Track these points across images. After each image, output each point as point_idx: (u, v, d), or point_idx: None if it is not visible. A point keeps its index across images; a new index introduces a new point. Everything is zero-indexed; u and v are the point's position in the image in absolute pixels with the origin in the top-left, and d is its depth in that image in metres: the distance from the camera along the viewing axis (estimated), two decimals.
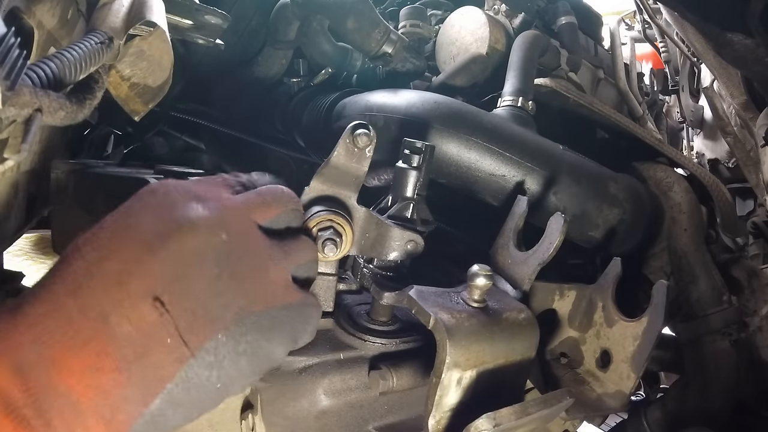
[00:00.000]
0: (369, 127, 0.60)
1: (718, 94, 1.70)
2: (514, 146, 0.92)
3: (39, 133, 0.87)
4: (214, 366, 0.42)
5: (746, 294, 1.13)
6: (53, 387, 0.36)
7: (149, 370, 0.39)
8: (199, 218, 0.43)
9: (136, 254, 0.41)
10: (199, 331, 0.41)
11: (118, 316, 0.39)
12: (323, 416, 0.63)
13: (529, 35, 1.31)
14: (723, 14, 1.04)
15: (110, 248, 0.41)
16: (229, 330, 0.43)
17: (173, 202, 0.44)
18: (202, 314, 0.41)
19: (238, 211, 0.47)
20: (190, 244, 0.42)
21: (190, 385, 0.41)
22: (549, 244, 0.68)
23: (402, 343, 0.69)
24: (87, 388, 0.37)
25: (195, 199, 0.45)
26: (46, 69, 0.46)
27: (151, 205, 0.44)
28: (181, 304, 0.41)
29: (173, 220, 0.43)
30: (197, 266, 0.42)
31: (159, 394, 0.40)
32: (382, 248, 0.65)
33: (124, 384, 0.38)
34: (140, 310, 0.39)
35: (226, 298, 0.43)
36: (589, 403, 0.70)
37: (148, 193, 0.45)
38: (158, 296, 0.40)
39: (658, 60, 2.66)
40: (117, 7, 0.64)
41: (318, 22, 1.37)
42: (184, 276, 0.41)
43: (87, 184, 1.05)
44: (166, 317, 0.40)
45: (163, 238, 0.42)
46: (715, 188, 1.15)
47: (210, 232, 0.43)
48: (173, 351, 0.40)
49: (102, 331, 0.38)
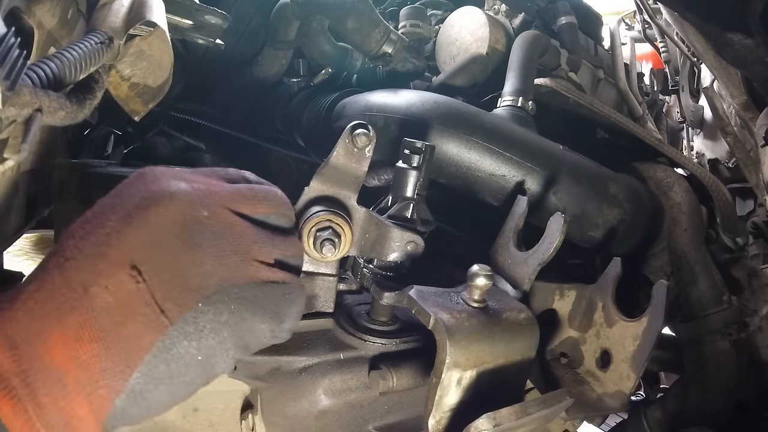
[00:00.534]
0: (368, 127, 0.60)
1: (718, 94, 1.70)
2: (514, 146, 0.92)
3: (39, 133, 0.87)
4: (193, 336, 0.42)
5: (746, 294, 1.13)
6: (39, 358, 0.37)
7: (127, 340, 0.39)
8: (179, 191, 0.43)
9: (115, 226, 0.41)
10: (178, 300, 0.41)
11: (97, 286, 0.39)
12: (323, 416, 0.63)
13: (529, 35, 1.31)
14: (723, 14, 1.04)
15: (94, 224, 0.41)
16: (210, 299, 0.42)
17: (157, 179, 0.44)
18: (180, 283, 0.41)
19: (223, 196, 0.46)
20: (168, 213, 0.42)
21: (170, 357, 0.41)
22: (549, 244, 0.68)
23: (402, 343, 0.69)
24: (68, 359, 0.38)
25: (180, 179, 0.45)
26: (46, 69, 0.46)
27: (135, 184, 0.44)
28: (159, 273, 0.41)
29: (153, 191, 0.43)
30: (176, 236, 0.42)
31: (137, 366, 0.40)
32: (382, 249, 0.65)
33: (102, 355, 0.38)
34: (118, 279, 0.39)
35: (206, 267, 0.43)
36: (589, 403, 0.70)
37: (137, 174, 0.46)
38: (136, 265, 0.40)
39: (658, 60, 2.66)
40: (117, 7, 0.64)
41: (318, 22, 1.37)
42: (161, 245, 0.41)
43: (89, 184, 1.05)
44: (143, 286, 0.40)
45: (142, 208, 0.42)
46: (715, 188, 1.15)
47: (190, 205, 0.43)
48: (151, 320, 0.40)
49: (82, 301, 0.39)
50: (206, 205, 0.44)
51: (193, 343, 0.42)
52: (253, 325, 0.45)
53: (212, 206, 0.45)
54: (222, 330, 0.43)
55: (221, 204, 0.46)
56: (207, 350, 0.43)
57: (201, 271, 0.42)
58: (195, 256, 0.42)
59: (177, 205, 0.43)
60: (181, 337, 0.41)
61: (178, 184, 0.44)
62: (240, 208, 0.47)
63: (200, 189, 0.45)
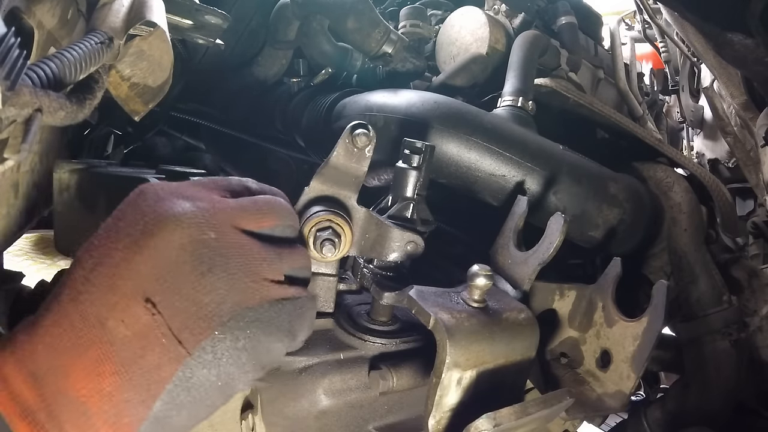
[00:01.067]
0: (368, 127, 0.60)
1: (718, 94, 1.70)
2: (514, 146, 0.92)
3: (39, 133, 0.87)
4: (213, 364, 0.42)
5: (746, 294, 1.13)
6: (63, 392, 0.38)
7: (147, 371, 0.40)
8: (183, 213, 0.43)
9: (124, 255, 0.41)
10: (194, 329, 0.41)
11: (113, 320, 0.39)
12: (323, 416, 0.63)
13: (529, 35, 1.31)
14: (723, 14, 1.04)
15: (103, 253, 0.41)
16: (226, 326, 0.42)
17: (160, 200, 0.44)
18: (195, 312, 0.41)
19: (228, 214, 0.46)
20: (175, 239, 0.41)
21: (190, 385, 0.41)
22: (549, 244, 0.68)
23: (402, 343, 0.69)
24: (92, 392, 0.38)
25: (183, 198, 0.44)
26: (46, 69, 0.46)
27: (138, 206, 0.44)
28: (173, 303, 0.41)
29: (157, 216, 0.42)
30: (185, 262, 0.41)
31: (159, 395, 0.40)
32: (382, 249, 0.65)
33: (124, 387, 0.39)
34: (133, 311, 0.40)
35: (219, 294, 0.42)
36: (589, 403, 0.70)
37: (136, 194, 0.45)
38: (149, 297, 0.40)
39: (658, 60, 2.66)
40: (117, 7, 0.64)
41: (318, 22, 1.37)
42: (172, 273, 0.41)
43: (89, 184, 1.05)
44: (158, 318, 0.40)
45: (148, 235, 0.41)
46: (715, 188, 1.15)
47: (196, 228, 0.42)
48: (169, 351, 0.40)
49: (100, 336, 0.39)
50: (212, 226, 0.43)
51: (213, 370, 0.42)
52: (269, 346, 0.46)
53: (218, 226, 0.44)
54: (240, 355, 0.43)
55: (227, 222, 0.45)
56: (226, 376, 0.43)
57: (214, 298, 0.42)
58: (207, 283, 0.42)
59: (184, 229, 0.42)
60: (200, 366, 0.41)
61: (182, 205, 0.43)
62: (245, 224, 0.46)
63: (205, 208, 0.44)
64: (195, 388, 0.41)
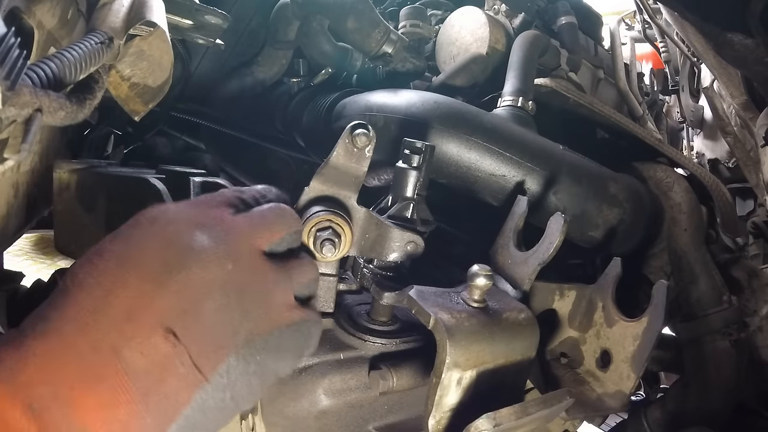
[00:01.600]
0: (368, 127, 0.60)
1: (718, 94, 1.70)
2: (514, 146, 0.92)
3: (39, 133, 0.87)
4: (227, 388, 0.43)
5: (746, 294, 1.13)
6: (70, 424, 0.37)
7: (165, 398, 0.40)
8: (205, 250, 0.44)
9: (144, 288, 0.41)
10: (211, 357, 0.42)
11: (130, 350, 0.39)
12: (323, 416, 0.63)
13: (529, 35, 1.31)
14: (723, 14, 1.04)
15: (115, 282, 0.41)
16: (240, 353, 0.44)
17: (178, 233, 0.44)
18: (211, 340, 0.42)
19: (243, 238, 0.47)
20: (197, 276, 0.43)
21: (206, 407, 0.42)
22: (549, 244, 0.68)
23: (402, 343, 0.69)
24: (104, 423, 0.38)
25: (199, 228, 0.45)
26: (46, 69, 0.46)
27: (154, 235, 0.44)
28: (193, 334, 0.41)
29: (179, 252, 0.43)
30: (206, 297, 0.43)
31: (176, 420, 0.41)
32: (382, 249, 0.65)
33: (141, 414, 0.39)
34: (153, 342, 0.40)
35: (234, 324, 0.44)
36: (589, 403, 0.70)
37: (148, 221, 0.45)
38: (170, 327, 0.40)
39: (658, 60, 2.66)
40: (117, 7, 0.64)
41: (318, 22, 1.37)
42: (194, 307, 0.42)
43: (89, 184, 1.05)
44: (179, 348, 0.41)
45: (170, 271, 0.42)
46: (715, 188, 1.15)
47: (217, 263, 0.44)
48: (187, 377, 0.41)
49: (115, 366, 0.39)
50: (230, 256, 0.45)
51: (227, 393, 0.43)
52: (277, 369, 0.48)
53: (235, 254, 0.45)
54: (251, 380, 0.45)
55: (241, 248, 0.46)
56: (238, 398, 0.44)
57: (230, 328, 0.43)
58: (224, 314, 0.43)
59: (205, 266, 0.43)
60: (216, 390, 0.43)
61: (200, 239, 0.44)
62: (259, 243, 0.48)
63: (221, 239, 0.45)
64: (210, 410, 0.43)
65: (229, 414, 0.45)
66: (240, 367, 0.44)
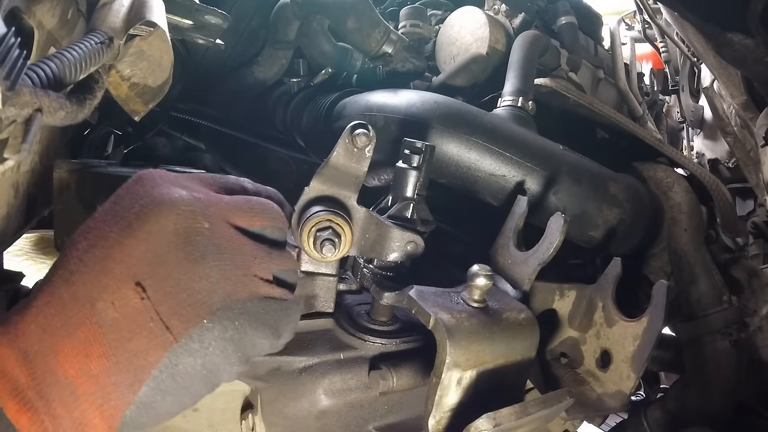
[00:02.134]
0: (368, 127, 0.60)
1: (718, 94, 1.70)
2: (514, 146, 0.92)
3: (39, 133, 0.87)
4: (198, 353, 0.42)
5: (746, 294, 1.13)
6: (52, 372, 0.38)
7: (134, 356, 0.40)
8: (180, 200, 0.43)
9: (118, 237, 0.41)
10: (183, 317, 0.41)
11: (103, 301, 0.39)
12: (323, 416, 0.63)
13: (529, 35, 1.31)
14: (723, 14, 1.04)
15: (97, 234, 0.41)
16: (215, 315, 0.42)
17: (156, 185, 0.44)
18: (185, 299, 0.41)
19: (223, 208, 0.46)
20: (169, 223, 0.42)
21: (176, 372, 0.41)
22: (549, 244, 0.68)
23: (402, 343, 0.69)
24: (79, 372, 0.38)
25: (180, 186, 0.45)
26: (46, 69, 0.46)
27: (136, 191, 0.44)
28: (163, 288, 0.40)
29: (153, 199, 0.42)
30: (178, 247, 0.41)
31: (145, 380, 0.40)
32: (382, 249, 0.65)
33: (111, 370, 0.39)
34: (122, 294, 0.40)
35: (210, 282, 0.42)
36: (589, 403, 0.70)
37: (134, 179, 0.45)
38: (139, 280, 0.40)
39: (658, 60, 2.66)
40: (117, 7, 0.64)
41: (318, 22, 1.37)
42: (164, 258, 0.41)
43: (89, 184, 1.05)
44: (147, 302, 0.40)
45: (142, 218, 0.41)
46: (715, 188, 1.15)
47: (191, 215, 0.43)
48: (156, 336, 0.40)
49: (89, 316, 0.39)
50: (207, 216, 0.44)
51: (198, 360, 0.42)
52: (254, 340, 0.46)
53: (212, 218, 0.44)
54: (227, 346, 0.43)
55: (221, 216, 0.45)
56: (212, 366, 0.43)
57: (205, 286, 0.42)
58: (199, 270, 0.42)
59: (178, 215, 0.42)
60: (186, 354, 0.41)
61: (178, 191, 0.44)
62: (238, 221, 0.47)
63: (200, 199, 0.45)
64: (180, 375, 0.41)
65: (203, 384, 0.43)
66: (215, 332, 0.42)
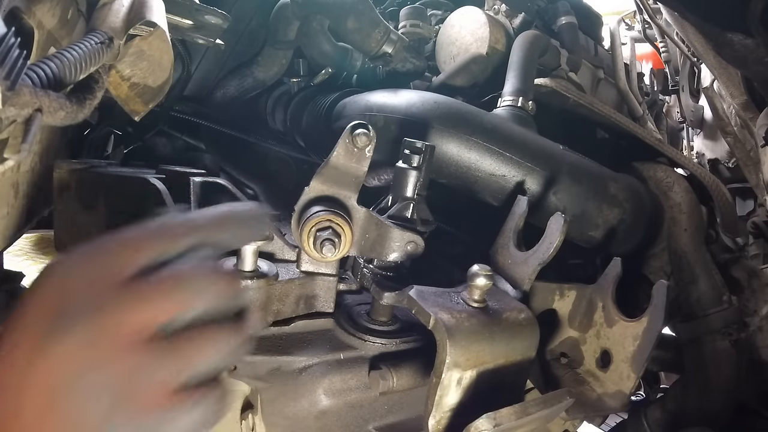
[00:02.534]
0: (368, 127, 0.60)
1: (718, 94, 1.70)
2: (514, 146, 0.92)
3: (39, 133, 0.87)
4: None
5: (746, 294, 1.13)
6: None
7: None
8: (72, 333, 0.37)
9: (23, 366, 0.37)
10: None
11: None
12: (323, 416, 0.63)
13: (529, 35, 1.31)
14: (723, 14, 1.04)
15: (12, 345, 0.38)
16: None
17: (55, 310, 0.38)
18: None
19: (118, 317, 0.39)
20: (58, 364, 0.37)
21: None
22: (549, 244, 0.68)
23: (402, 343, 0.69)
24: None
25: (76, 304, 0.38)
26: (46, 69, 0.46)
27: (41, 306, 0.39)
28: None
29: (48, 336, 0.37)
30: (62, 392, 0.37)
31: None
32: (382, 249, 0.65)
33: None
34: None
35: (100, 416, 0.38)
36: (589, 403, 0.70)
37: (44, 279, 0.39)
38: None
39: (658, 60, 2.66)
40: (117, 7, 0.64)
41: (318, 22, 1.37)
42: (52, 401, 0.37)
43: (89, 184, 1.05)
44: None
45: (40, 351, 0.37)
46: (715, 188, 1.15)
47: (78, 351, 0.37)
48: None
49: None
50: (92, 343, 0.38)
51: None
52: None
53: (99, 339, 0.38)
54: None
55: (113, 330, 0.38)
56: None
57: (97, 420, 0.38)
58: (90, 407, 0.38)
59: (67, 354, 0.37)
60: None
61: (70, 322, 0.38)
62: (139, 321, 0.39)
63: (92, 321, 0.38)
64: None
65: None
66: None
